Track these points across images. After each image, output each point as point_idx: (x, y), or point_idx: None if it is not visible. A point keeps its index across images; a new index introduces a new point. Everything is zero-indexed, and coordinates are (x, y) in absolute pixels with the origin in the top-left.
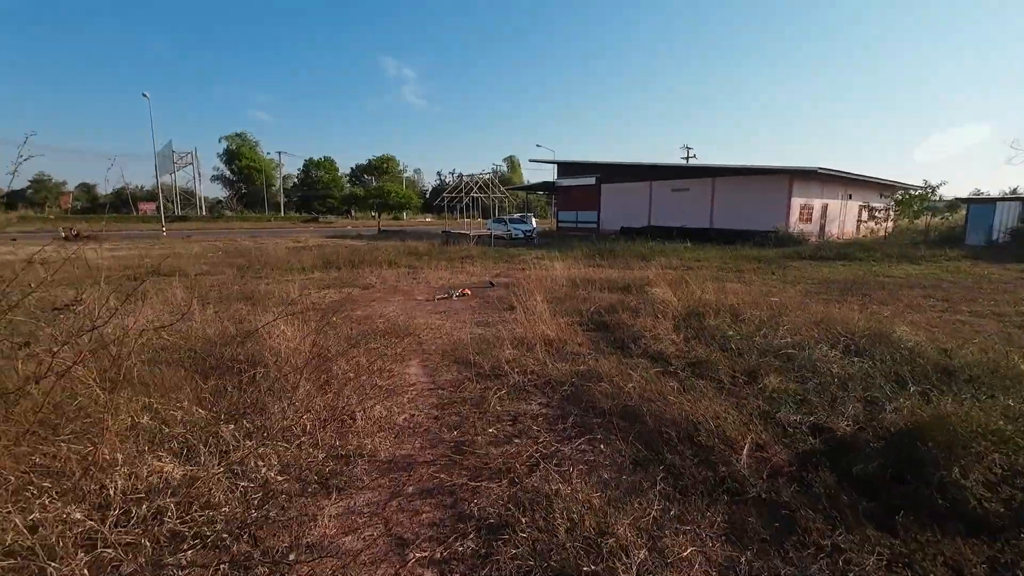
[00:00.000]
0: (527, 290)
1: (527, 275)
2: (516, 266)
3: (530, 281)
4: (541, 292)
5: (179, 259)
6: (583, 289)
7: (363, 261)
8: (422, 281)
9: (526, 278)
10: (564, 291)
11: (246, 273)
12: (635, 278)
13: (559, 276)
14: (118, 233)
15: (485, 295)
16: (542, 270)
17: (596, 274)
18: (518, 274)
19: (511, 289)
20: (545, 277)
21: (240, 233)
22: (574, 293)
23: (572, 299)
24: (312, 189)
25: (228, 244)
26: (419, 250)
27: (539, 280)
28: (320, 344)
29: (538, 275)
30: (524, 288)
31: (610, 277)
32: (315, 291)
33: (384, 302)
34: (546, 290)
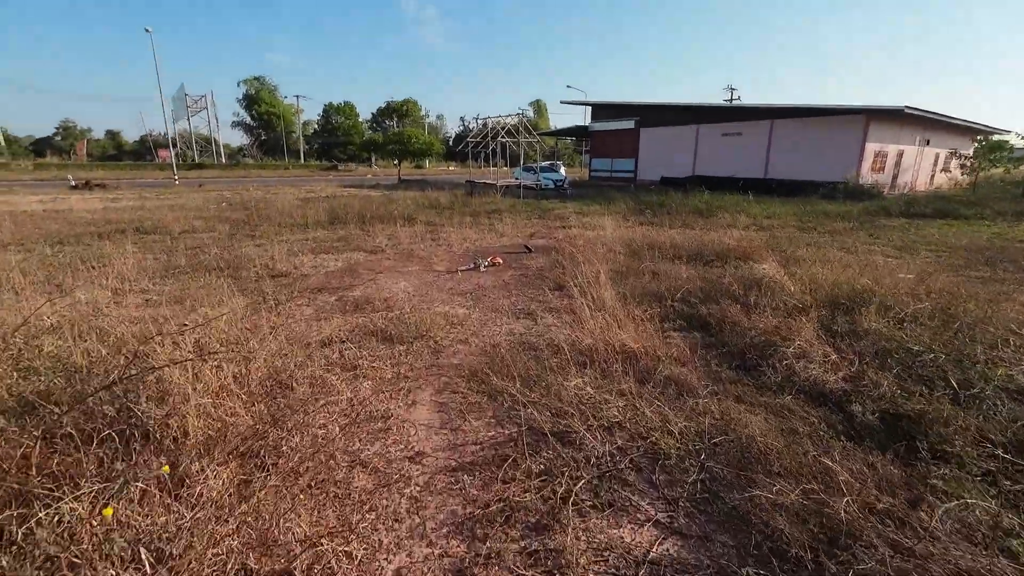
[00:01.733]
0: (574, 258)
1: (569, 236)
2: (552, 223)
3: (575, 245)
4: (597, 263)
5: (176, 211)
6: (648, 259)
7: (376, 216)
8: (442, 243)
9: (569, 240)
10: (624, 261)
11: (240, 230)
12: (711, 243)
13: (610, 238)
14: (131, 182)
15: (522, 264)
16: (586, 229)
17: (657, 236)
18: (557, 234)
19: (554, 257)
20: (594, 239)
21: (255, 182)
22: (637, 265)
23: (637, 274)
24: (332, 136)
25: (237, 194)
26: (440, 202)
27: (588, 244)
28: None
29: (583, 236)
30: (570, 255)
31: (675, 240)
32: (310, 257)
33: (394, 274)
34: (600, 258)
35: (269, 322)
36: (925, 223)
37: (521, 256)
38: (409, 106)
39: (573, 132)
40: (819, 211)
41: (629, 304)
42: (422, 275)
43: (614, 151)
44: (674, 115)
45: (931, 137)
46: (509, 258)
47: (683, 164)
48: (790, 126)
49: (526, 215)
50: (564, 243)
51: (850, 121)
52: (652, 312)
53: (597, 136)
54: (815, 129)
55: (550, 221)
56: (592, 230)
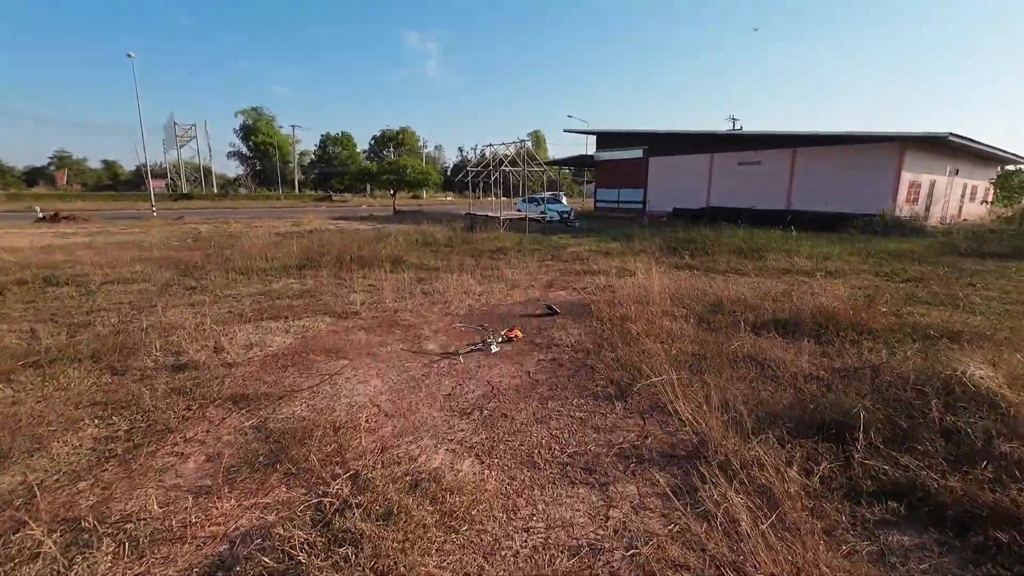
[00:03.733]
0: (624, 330)
1: (599, 286)
2: (570, 264)
3: (615, 304)
4: (659, 340)
5: (123, 250)
6: (725, 327)
7: (358, 258)
8: (437, 298)
9: (603, 292)
10: (694, 334)
11: (183, 279)
12: (800, 300)
13: (655, 291)
14: (110, 213)
15: (548, 338)
16: (614, 273)
17: (712, 287)
18: (582, 281)
19: (592, 326)
20: (637, 295)
21: (241, 214)
22: (718, 342)
23: (728, 360)
24: (329, 165)
25: (214, 228)
26: (436, 239)
27: (630, 302)
28: None
29: (617, 287)
30: (614, 322)
31: (743, 297)
32: (252, 327)
33: (365, 360)
34: (658, 328)
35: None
36: (1016, 264)
37: (544, 322)
38: (405, 135)
39: (576, 162)
40: (879, 250)
41: (771, 450)
42: (406, 363)
43: (621, 181)
44: (686, 143)
45: (959, 167)
46: (529, 325)
47: (696, 195)
48: (814, 154)
49: (537, 254)
50: (596, 298)
51: (882, 149)
52: (815, 464)
53: (603, 166)
54: (843, 158)
55: (567, 263)
56: (622, 275)
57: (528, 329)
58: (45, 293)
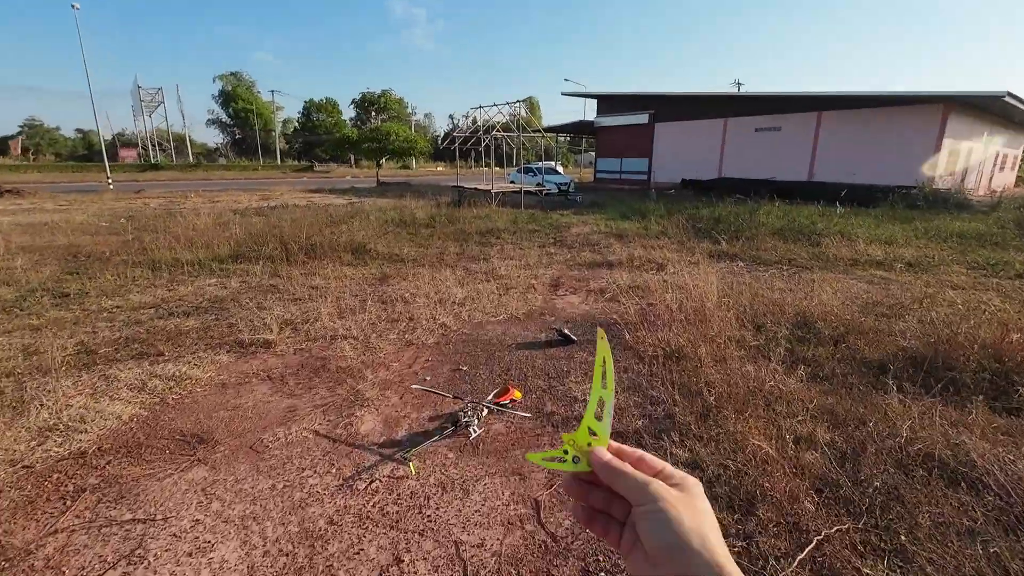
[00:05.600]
0: (687, 384)
1: (623, 284)
2: (579, 252)
3: (661, 326)
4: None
5: (25, 232)
6: (859, 384)
7: (314, 245)
8: (400, 313)
9: (629, 294)
10: (801, 393)
11: (68, 277)
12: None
13: (705, 296)
14: (64, 185)
15: (569, 406)
16: (639, 267)
17: (787, 294)
18: (596, 279)
19: (635, 372)
20: (680, 301)
21: (211, 186)
22: (866, 419)
23: (915, 478)
24: (313, 134)
25: (166, 203)
26: (416, 217)
27: (680, 314)
28: None
29: (657, 298)
30: (665, 362)
31: (838, 313)
32: (98, 375)
33: (236, 465)
34: (744, 386)
35: None
36: None
37: (555, 359)
38: (388, 99)
39: (574, 128)
40: (946, 231)
41: None
42: (307, 479)
43: (624, 149)
44: (696, 107)
45: (990, 131)
46: (532, 366)
47: (707, 164)
48: (842, 119)
49: (536, 238)
50: (623, 308)
51: (923, 111)
52: None
53: (604, 133)
54: (875, 122)
55: (574, 249)
56: (647, 269)
57: (532, 376)
58: None
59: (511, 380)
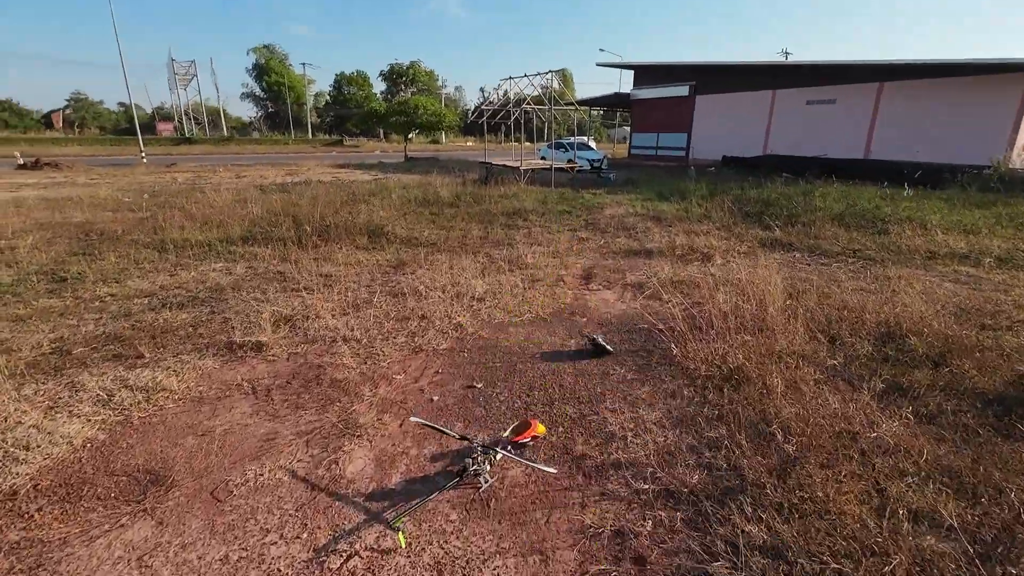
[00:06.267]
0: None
1: (664, 277)
2: (609, 235)
3: (714, 337)
4: None
5: (48, 208)
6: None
7: (331, 225)
8: (409, 311)
9: (672, 289)
10: (907, 440)
11: (74, 258)
12: None
13: (765, 292)
14: (98, 159)
15: (603, 445)
16: (681, 257)
17: (861, 296)
18: (633, 270)
19: (685, 398)
20: (734, 302)
21: (241, 160)
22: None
23: None
24: (344, 108)
25: (194, 177)
26: (441, 196)
27: (736, 320)
28: None
29: (690, 278)
30: (723, 387)
31: (930, 319)
32: (63, 382)
33: (188, 521)
34: (831, 428)
35: None
36: None
37: (586, 376)
38: (416, 71)
39: (609, 102)
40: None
41: None
42: (266, 563)
43: (661, 124)
44: (741, 78)
45: None
46: (559, 384)
47: (752, 140)
48: (906, 90)
49: (566, 220)
50: (667, 310)
51: (999, 83)
52: None
53: (640, 106)
54: (944, 94)
55: (608, 233)
56: (691, 259)
57: (559, 400)
58: None
59: (532, 413)
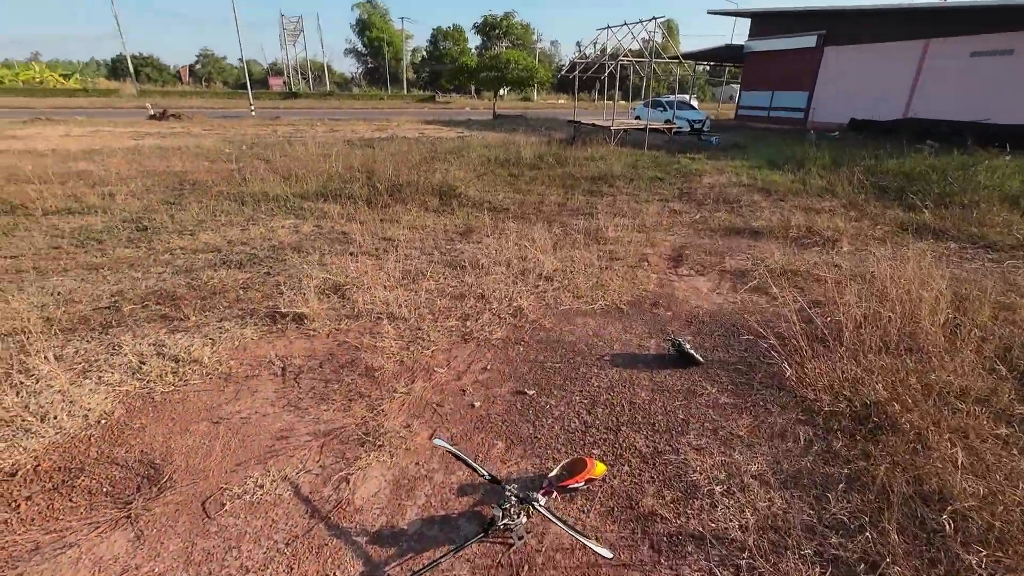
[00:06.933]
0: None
1: (774, 266)
2: (707, 208)
3: (844, 353)
4: None
5: (160, 157)
6: None
7: (402, 184)
8: (466, 288)
9: (782, 284)
10: None
11: (163, 207)
12: None
13: (918, 297)
14: (215, 112)
15: (682, 501)
16: (796, 244)
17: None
18: (735, 254)
19: (805, 443)
20: (868, 306)
21: (338, 114)
22: None
23: None
24: (439, 63)
25: (292, 130)
26: (522, 157)
27: (876, 333)
28: None
29: (804, 267)
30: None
31: None
32: (98, 341)
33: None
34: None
35: None
36: None
37: (663, 393)
38: (510, 24)
39: (718, 55)
40: None
41: None
42: None
43: (778, 80)
44: (885, 25)
45: None
46: (631, 397)
47: (889, 100)
48: None
49: (658, 188)
50: (777, 310)
51: None
52: None
53: (755, 60)
54: None
55: (705, 206)
56: (812, 244)
57: (626, 424)
58: None
59: (591, 441)
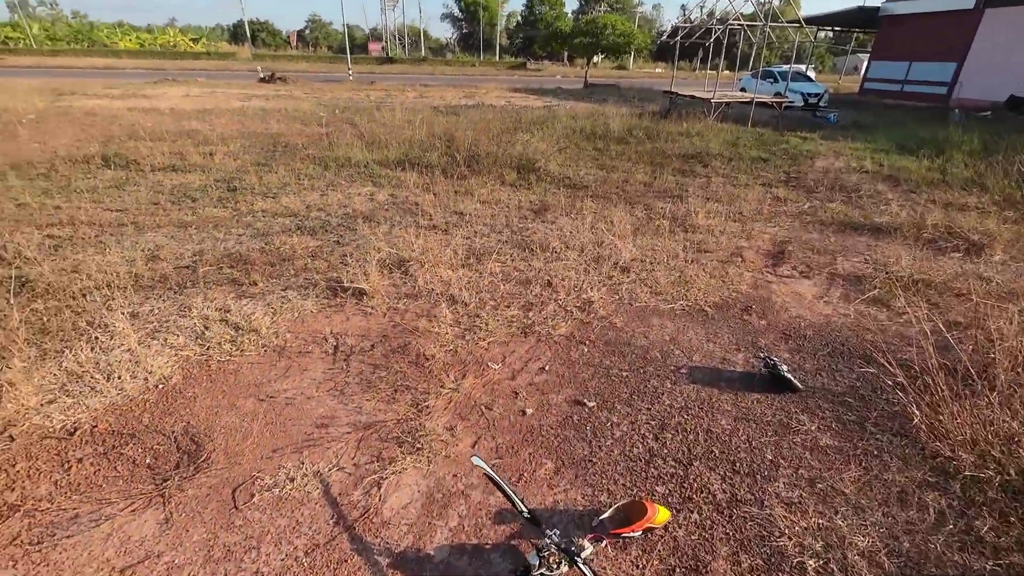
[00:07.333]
0: None
1: (900, 273)
2: (816, 196)
3: (992, 400)
4: None
5: (261, 119)
6: None
7: (481, 155)
8: (533, 274)
9: (908, 297)
10: None
11: (257, 168)
12: None
13: None
14: (318, 75)
15: None
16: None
17: None
18: (849, 254)
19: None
20: None
21: (429, 80)
22: None
23: None
24: (534, 29)
25: (384, 96)
26: (610, 129)
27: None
28: None
29: (939, 279)
30: None
31: None
32: (171, 301)
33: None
34: None
35: None
36: None
37: (754, 427)
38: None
39: (847, 19)
40: None
41: None
42: None
43: (918, 49)
44: None
45: None
46: (709, 427)
47: None
48: None
49: (761, 170)
50: (901, 327)
51: None
52: None
53: (891, 25)
54: None
55: (815, 194)
56: (952, 249)
57: (700, 456)
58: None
59: (655, 477)
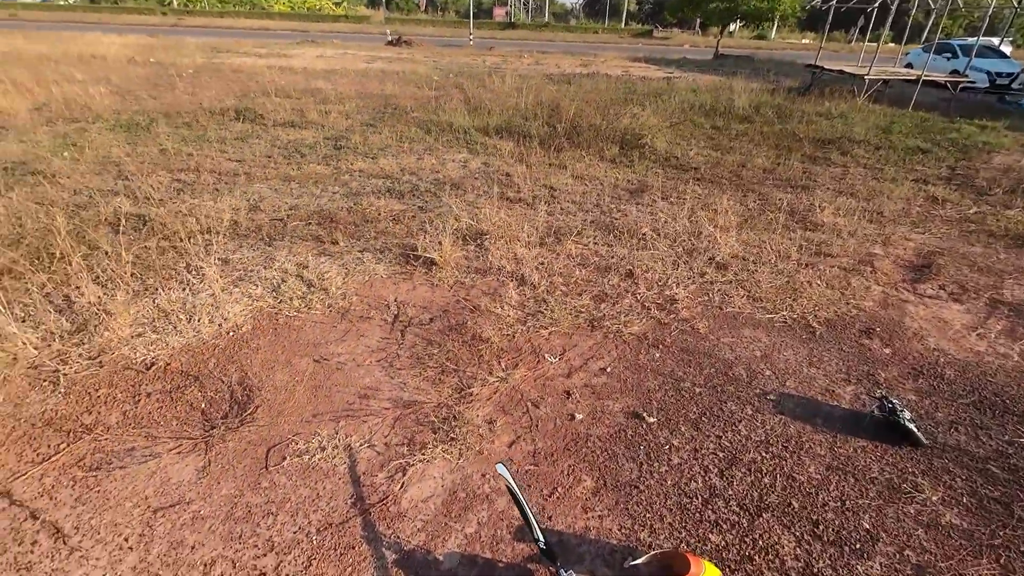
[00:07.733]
0: None
1: None
2: (985, 201)
3: None
4: None
5: (379, 80)
6: None
7: (584, 127)
8: (614, 261)
9: None
10: None
11: (365, 128)
12: None
13: None
14: (443, 39)
15: None
16: None
17: None
18: (1023, 273)
19: None
20: None
21: (549, 46)
22: None
23: None
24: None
25: (499, 61)
26: (734, 106)
27: None
28: None
29: None
30: None
31: None
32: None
33: None
34: None
35: None
36: None
37: (849, 480)
38: None
39: None
40: None
41: None
42: None
43: None
44: None
45: None
46: (792, 472)
47: None
48: None
49: (915, 163)
50: None
51: None
52: None
53: None
54: None
55: (987, 201)
56: None
57: (774, 505)
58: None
59: (709, 526)
